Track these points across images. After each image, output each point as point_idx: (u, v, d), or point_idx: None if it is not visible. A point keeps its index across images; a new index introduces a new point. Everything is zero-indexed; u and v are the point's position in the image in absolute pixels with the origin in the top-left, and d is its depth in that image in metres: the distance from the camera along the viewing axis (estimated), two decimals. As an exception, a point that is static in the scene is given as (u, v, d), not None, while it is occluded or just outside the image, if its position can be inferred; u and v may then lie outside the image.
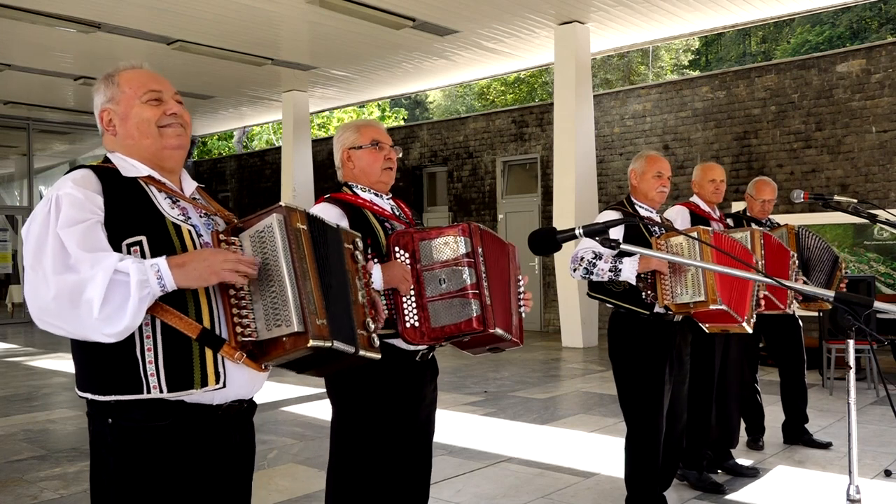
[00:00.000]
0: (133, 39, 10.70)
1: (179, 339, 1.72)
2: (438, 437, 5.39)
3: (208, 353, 1.74)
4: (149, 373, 1.70)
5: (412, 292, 2.42)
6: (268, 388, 1.88)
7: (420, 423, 2.65)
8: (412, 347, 2.52)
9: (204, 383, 1.74)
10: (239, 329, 1.73)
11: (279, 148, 16.36)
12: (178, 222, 1.80)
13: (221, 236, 1.79)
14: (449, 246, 2.43)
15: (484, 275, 2.42)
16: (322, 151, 15.89)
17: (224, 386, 1.77)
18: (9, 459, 5.07)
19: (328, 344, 1.72)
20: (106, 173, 1.81)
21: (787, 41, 26.46)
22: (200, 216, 1.89)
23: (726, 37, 27.15)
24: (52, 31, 10.36)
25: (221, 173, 18.62)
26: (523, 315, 2.63)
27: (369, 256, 2.40)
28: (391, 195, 2.73)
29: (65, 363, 9.64)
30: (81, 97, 14.59)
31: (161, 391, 1.71)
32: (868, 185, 9.36)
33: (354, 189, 2.65)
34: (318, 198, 2.66)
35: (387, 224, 2.56)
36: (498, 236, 2.59)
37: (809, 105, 9.86)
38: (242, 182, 18.00)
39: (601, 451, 5.05)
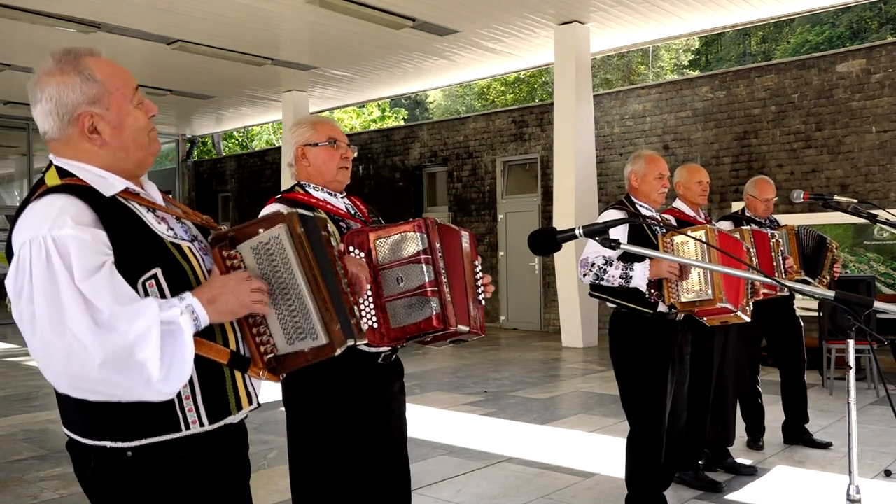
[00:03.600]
0: (133, 39, 10.70)
1: (212, 368, 1.61)
2: (438, 437, 5.43)
3: (238, 375, 1.66)
4: (186, 408, 1.57)
5: (370, 293, 2.32)
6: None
7: (389, 426, 2.55)
8: (373, 350, 2.43)
9: (239, 407, 1.66)
10: (262, 349, 1.66)
11: (279, 148, 16.36)
12: (176, 241, 1.64)
13: (224, 253, 1.66)
14: (405, 243, 2.34)
15: (443, 271, 2.33)
16: (322, 151, 15.88)
17: (259, 406, 1.70)
18: (9, 459, 5.07)
19: (345, 346, 1.67)
20: (89, 198, 1.54)
21: (787, 41, 26.47)
22: (177, 222, 1.72)
23: (726, 37, 27.15)
24: (52, 31, 10.35)
25: (221, 173, 18.62)
26: (483, 303, 2.53)
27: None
28: (346, 193, 2.63)
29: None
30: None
31: (202, 425, 1.59)
32: (868, 185, 9.36)
33: (307, 188, 2.54)
34: (270, 198, 2.55)
35: (342, 223, 2.47)
36: (452, 226, 2.47)
37: (809, 105, 9.86)
38: (242, 182, 18.00)
39: (601, 451, 5.04)
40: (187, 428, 1.57)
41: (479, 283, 2.52)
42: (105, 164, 1.61)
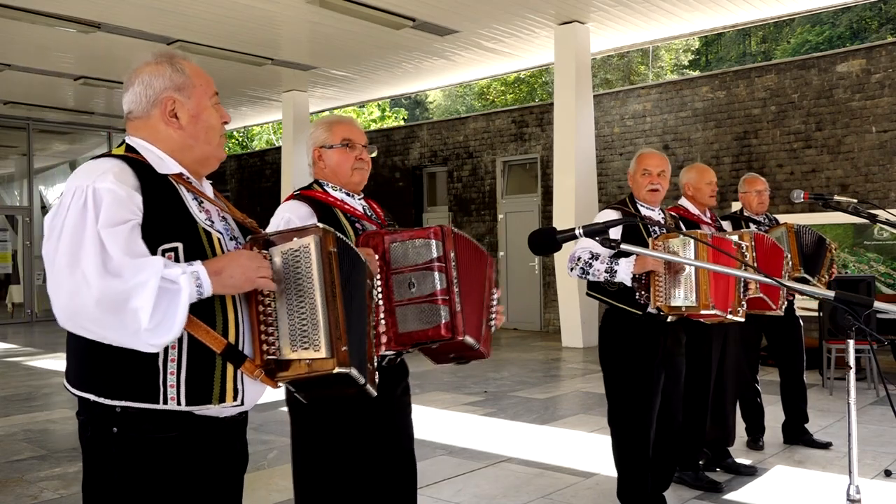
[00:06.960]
0: (133, 39, 10.70)
1: (204, 352, 1.67)
2: (438, 437, 5.43)
3: (229, 368, 1.69)
4: (168, 384, 1.64)
5: (380, 296, 2.30)
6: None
7: (393, 429, 2.54)
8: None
9: (222, 399, 1.69)
10: (265, 346, 1.69)
11: (279, 148, 16.36)
12: (208, 228, 1.74)
13: (255, 248, 1.73)
14: (420, 249, 2.31)
15: (455, 280, 2.30)
16: (322, 151, 15.87)
17: (242, 403, 1.73)
18: (9, 459, 5.07)
19: (347, 370, 1.69)
20: (140, 168, 1.71)
21: (787, 41, 26.47)
22: (220, 217, 1.83)
23: (726, 37, 27.16)
24: (52, 31, 10.35)
25: (221, 173, 18.60)
26: (493, 329, 2.51)
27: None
28: (363, 195, 2.63)
29: (64, 363, 9.63)
30: (81, 97, 14.57)
31: (178, 404, 1.65)
32: (868, 185, 9.36)
33: (325, 187, 2.57)
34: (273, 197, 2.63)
35: (357, 224, 2.46)
36: (475, 243, 2.47)
37: (809, 105, 9.86)
38: (242, 182, 18.00)
39: (601, 451, 5.04)
40: (165, 402, 1.64)
41: (494, 309, 2.51)
42: (172, 148, 1.78)
